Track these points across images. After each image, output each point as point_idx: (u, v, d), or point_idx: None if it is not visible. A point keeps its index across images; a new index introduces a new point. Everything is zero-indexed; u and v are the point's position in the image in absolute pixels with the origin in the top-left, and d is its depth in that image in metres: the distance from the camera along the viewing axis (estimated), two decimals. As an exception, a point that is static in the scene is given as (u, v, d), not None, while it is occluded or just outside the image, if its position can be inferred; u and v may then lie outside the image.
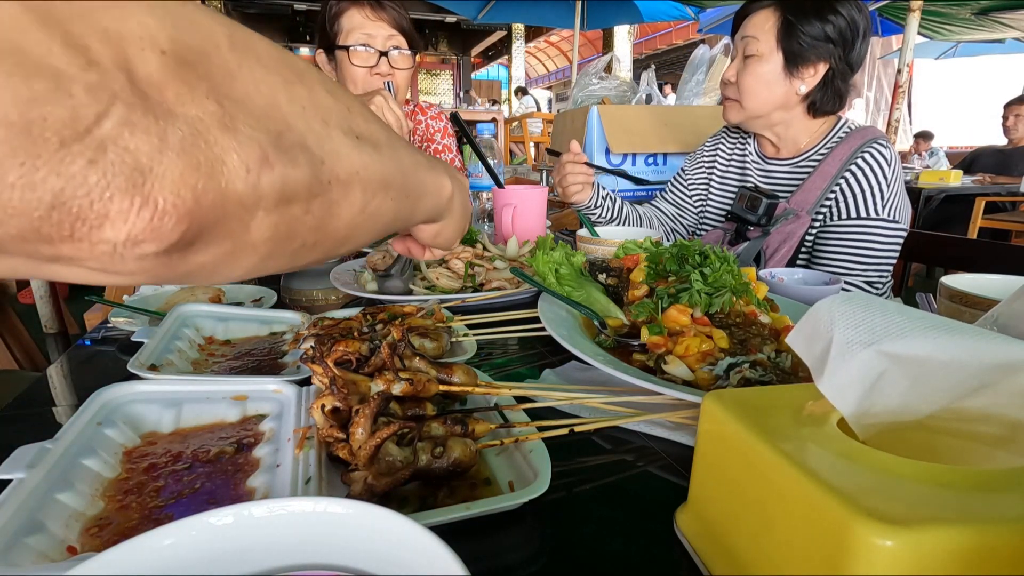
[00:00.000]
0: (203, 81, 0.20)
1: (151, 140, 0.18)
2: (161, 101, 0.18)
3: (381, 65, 1.24)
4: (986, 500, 0.24)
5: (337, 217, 0.27)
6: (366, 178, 0.28)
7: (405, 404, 0.45)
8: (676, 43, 12.74)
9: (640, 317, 0.64)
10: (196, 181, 0.19)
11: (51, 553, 0.32)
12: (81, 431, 0.42)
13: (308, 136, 0.24)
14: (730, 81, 1.15)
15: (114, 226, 0.17)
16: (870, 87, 9.48)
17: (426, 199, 0.39)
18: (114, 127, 0.17)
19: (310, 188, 0.24)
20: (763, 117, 1.14)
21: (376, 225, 0.31)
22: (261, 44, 0.23)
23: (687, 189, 1.37)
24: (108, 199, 0.17)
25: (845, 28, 1.03)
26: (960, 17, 5.32)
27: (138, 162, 0.17)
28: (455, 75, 13.67)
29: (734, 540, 0.32)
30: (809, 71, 1.07)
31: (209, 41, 0.20)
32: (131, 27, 0.18)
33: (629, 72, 8.00)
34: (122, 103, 0.17)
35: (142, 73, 0.18)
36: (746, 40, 1.09)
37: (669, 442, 0.48)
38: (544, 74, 17.79)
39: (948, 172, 3.55)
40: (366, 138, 0.29)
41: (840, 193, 1.06)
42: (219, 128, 0.20)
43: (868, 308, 0.32)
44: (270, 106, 0.22)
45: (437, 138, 1.49)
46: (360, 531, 0.25)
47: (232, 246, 0.22)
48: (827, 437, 0.30)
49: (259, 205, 0.22)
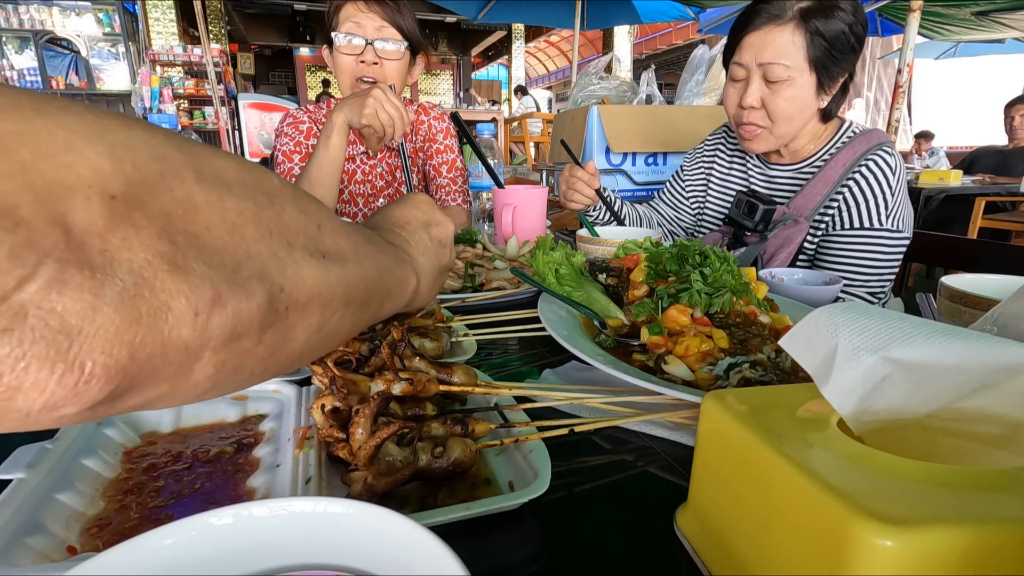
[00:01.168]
0: (156, 220, 0.18)
1: (84, 298, 0.16)
2: (103, 249, 0.17)
3: (367, 53, 1.24)
4: (986, 500, 0.24)
5: (292, 342, 0.26)
6: (328, 297, 0.27)
7: (405, 404, 0.45)
8: (676, 43, 12.73)
9: (640, 317, 0.64)
10: (134, 335, 0.18)
11: (51, 553, 0.32)
12: (81, 431, 0.42)
13: (270, 263, 0.23)
14: (754, 107, 1.04)
15: (27, 397, 0.16)
16: (870, 87, 9.47)
17: (389, 303, 0.38)
18: (39, 290, 0.15)
19: (264, 319, 0.23)
20: (789, 138, 1.08)
21: (333, 342, 0.30)
22: (233, 169, 0.23)
23: (684, 191, 1.35)
24: (23, 370, 0.16)
25: (855, 23, 0.98)
26: (960, 17, 5.32)
27: (65, 324, 0.16)
28: (455, 75, 13.67)
29: (734, 540, 0.32)
30: (833, 85, 1.02)
31: (173, 176, 0.19)
32: (81, 174, 0.17)
33: (629, 72, 8.00)
34: (53, 261, 0.16)
35: (83, 224, 0.17)
36: (769, 67, 0.98)
37: (669, 442, 0.48)
38: (544, 74, 17.78)
39: (948, 172, 3.54)
40: (333, 255, 0.28)
41: (843, 201, 1.03)
42: (168, 271, 0.18)
43: (871, 316, 0.32)
44: (233, 236, 0.21)
45: (439, 139, 1.49)
46: (360, 531, 0.25)
47: (169, 389, 0.21)
48: (827, 437, 0.30)
49: (206, 348, 0.20)
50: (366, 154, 1.43)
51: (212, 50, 6.21)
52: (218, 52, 7.45)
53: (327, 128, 1.16)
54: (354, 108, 1.14)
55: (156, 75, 7.23)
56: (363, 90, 1.17)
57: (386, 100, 1.13)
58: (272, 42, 12.01)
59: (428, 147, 1.50)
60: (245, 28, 11.06)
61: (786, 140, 1.08)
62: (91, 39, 7.62)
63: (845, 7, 0.97)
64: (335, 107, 1.17)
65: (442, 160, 1.49)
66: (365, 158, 1.44)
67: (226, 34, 8.82)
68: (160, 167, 0.19)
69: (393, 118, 1.14)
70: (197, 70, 7.59)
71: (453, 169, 1.50)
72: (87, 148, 0.17)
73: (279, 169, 1.40)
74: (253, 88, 10.57)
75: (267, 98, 7.07)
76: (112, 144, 0.18)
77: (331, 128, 1.16)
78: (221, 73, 7.25)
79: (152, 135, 0.20)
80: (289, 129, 1.40)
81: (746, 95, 1.03)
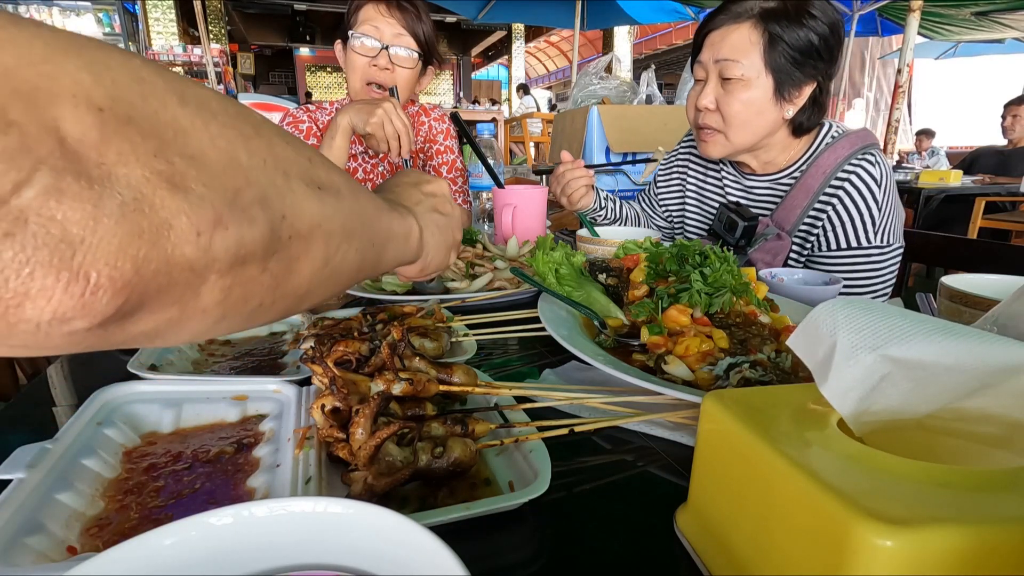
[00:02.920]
0: (150, 139, 0.18)
1: (83, 207, 0.16)
2: (100, 162, 0.17)
3: (380, 58, 1.25)
4: (986, 500, 0.24)
5: (297, 273, 0.25)
6: (328, 229, 0.27)
7: (405, 404, 0.45)
8: (676, 43, 12.74)
9: (640, 317, 0.64)
10: (137, 249, 0.17)
11: (51, 553, 0.32)
12: (81, 431, 0.42)
13: (269, 190, 0.23)
14: (708, 109, 0.99)
15: (35, 305, 0.16)
16: (870, 87, 9.48)
17: (392, 244, 0.38)
18: (37, 196, 0.15)
19: (268, 246, 0.23)
20: (749, 147, 1.02)
21: (339, 278, 0.30)
22: (215, 100, 0.22)
23: (657, 201, 1.31)
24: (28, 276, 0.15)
25: (829, 37, 0.92)
26: (960, 17, 5.33)
27: (66, 233, 0.16)
28: (455, 75, 13.67)
29: (734, 540, 0.32)
30: (796, 93, 0.95)
31: (156, 98, 0.19)
32: (64, 84, 0.16)
33: (629, 72, 8.00)
34: (49, 168, 0.15)
35: (75, 133, 0.16)
36: (724, 63, 0.95)
37: (669, 442, 0.48)
38: (544, 74, 17.78)
39: (948, 172, 3.55)
40: (328, 187, 0.28)
41: (828, 220, 0.97)
42: (167, 189, 0.18)
43: (870, 312, 0.32)
44: (228, 161, 0.21)
45: (440, 139, 1.50)
46: (360, 531, 0.25)
47: (179, 312, 0.21)
48: (827, 437, 0.30)
49: (211, 269, 0.20)
50: (367, 153, 1.43)
51: (212, 50, 6.21)
52: (218, 52, 7.46)
53: (331, 129, 1.17)
54: (361, 114, 1.14)
55: (156, 75, 7.22)
56: (374, 99, 1.19)
57: (395, 115, 1.14)
58: (272, 42, 12.02)
59: (428, 148, 1.50)
60: (245, 28, 11.06)
61: (742, 147, 1.02)
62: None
63: (817, 15, 0.91)
64: (342, 110, 1.17)
65: (442, 161, 1.50)
66: (366, 157, 1.44)
67: (226, 34, 8.83)
68: (142, 89, 0.19)
69: (399, 133, 1.15)
70: (197, 70, 7.59)
71: (453, 169, 1.50)
72: (66, 60, 0.17)
73: None
74: (253, 88, 10.57)
75: (267, 98, 7.07)
76: (90, 60, 0.17)
77: (335, 130, 1.16)
78: (221, 73, 7.25)
79: (128, 58, 0.19)
80: (289, 129, 1.40)
81: (701, 95, 0.99)
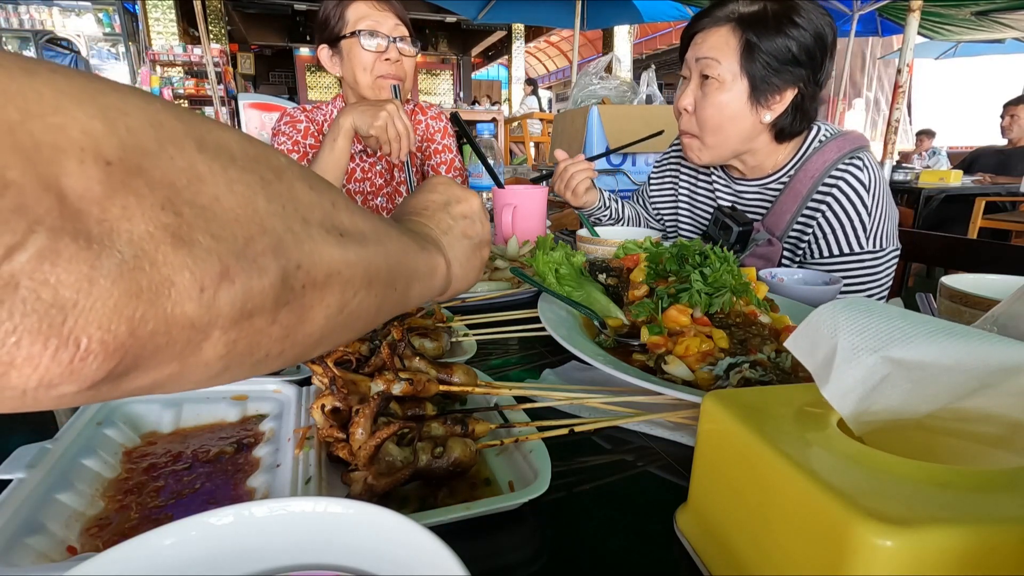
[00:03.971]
0: (160, 189, 0.18)
1: (79, 269, 0.16)
2: (102, 219, 0.16)
3: (390, 51, 1.26)
4: (986, 500, 0.24)
5: (310, 322, 0.24)
6: (348, 277, 0.26)
7: (405, 404, 0.45)
8: (676, 43, 12.73)
9: (640, 317, 0.64)
10: (133, 310, 0.17)
11: (51, 553, 0.32)
12: (81, 431, 0.42)
13: (285, 237, 0.22)
14: (686, 110, 0.99)
15: (21, 373, 0.15)
16: (870, 87, 9.48)
17: (416, 284, 0.36)
18: (30, 260, 0.15)
19: (278, 297, 0.22)
20: (729, 153, 1.01)
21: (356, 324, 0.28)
22: (237, 142, 0.22)
23: (649, 205, 1.32)
24: (14, 345, 0.15)
25: (812, 46, 0.90)
26: (960, 17, 5.32)
27: (58, 297, 0.15)
28: (455, 75, 13.66)
29: (734, 540, 0.32)
30: (775, 99, 0.94)
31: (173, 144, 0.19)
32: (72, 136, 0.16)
33: (629, 72, 8.00)
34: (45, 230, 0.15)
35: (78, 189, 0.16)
36: (703, 62, 0.94)
37: (669, 442, 0.48)
38: (544, 74, 17.78)
39: (948, 172, 3.55)
40: (351, 233, 0.27)
41: (818, 227, 0.97)
42: (172, 243, 0.18)
43: (871, 313, 0.32)
44: (244, 208, 0.20)
45: (437, 138, 1.50)
46: (360, 531, 0.25)
47: (178, 368, 0.20)
48: (827, 437, 0.30)
49: (214, 325, 0.20)
50: (365, 152, 1.43)
51: (212, 50, 6.20)
52: (218, 52, 7.46)
53: (334, 131, 1.16)
54: (365, 116, 1.14)
55: (156, 75, 7.23)
56: (377, 101, 1.19)
57: (398, 117, 1.14)
58: (272, 42, 12.02)
59: (426, 147, 1.50)
60: (245, 28, 11.06)
61: (721, 154, 1.01)
62: (91, 39, 7.63)
63: (801, 23, 0.90)
64: (344, 111, 1.17)
65: (440, 160, 1.49)
66: (364, 156, 1.44)
67: (226, 34, 8.83)
68: (158, 134, 0.18)
69: (401, 135, 1.15)
70: (197, 70, 7.60)
71: (452, 169, 1.50)
72: (77, 109, 0.16)
73: None
74: (253, 88, 10.57)
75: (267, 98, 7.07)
76: (104, 107, 0.17)
77: (338, 131, 1.16)
78: (221, 73, 7.25)
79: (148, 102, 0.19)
80: (287, 128, 1.40)
81: (682, 96, 0.99)
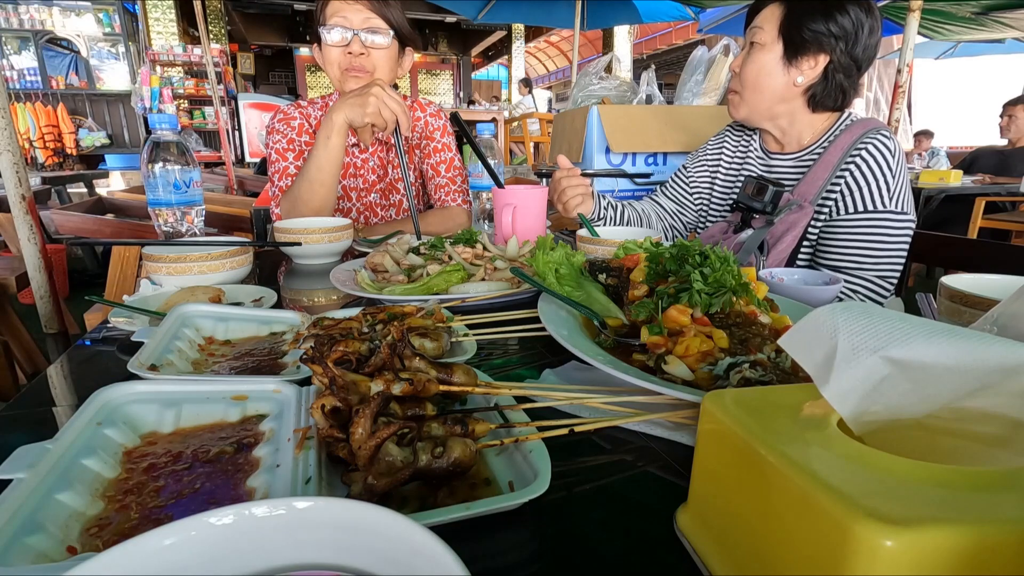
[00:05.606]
0: None
1: None
2: None
3: (353, 44, 1.24)
4: (986, 500, 0.24)
5: None
6: None
7: (405, 404, 0.45)
8: (676, 43, 12.73)
9: (640, 317, 0.64)
10: None
11: (51, 553, 0.32)
12: (81, 431, 0.42)
13: None
14: (735, 71, 1.17)
15: None
16: (870, 87, 9.47)
17: None
18: None
19: None
20: (764, 110, 1.15)
21: None
22: None
23: (688, 187, 1.37)
24: None
25: (849, 25, 1.04)
26: (960, 17, 5.32)
27: None
28: (455, 75, 13.66)
29: (734, 540, 0.32)
30: (808, 62, 1.07)
31: None
32: None
33: (629, 72, 8.00)
34: None
35: None
36: (753, 30, 1.12)
37: (669, 442, 0.48)
38: (544, 74, 17.77)
39: (948, 172, 3.55)
40: None
41: (844, 186, 1.06)
42: None
43: (870, 315, 0.32)
44: None
45: (436, 136, 1.49)
46: (360, 531, 0.25)
47: None
48: (827, 437, 0.30)
49: None
50: (358, 147, 1.43)
51: (212, 50, 6.20)
52: (218, 52, 7.46)
53: (326, 127, 1.16)
54: (355, 108, 1.13)
55: (156, 75, 7.23)
56: (361, 89, 1.16)
57: (387, 97, 1.13)
58: (272, 42, 12.01)
59: (425, 145, 1.49)
60: (245, 28, 11.05)
61: (757, 108, 1.15)
62: (91, 39, 7.62)
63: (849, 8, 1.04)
64: (334, 106, 1.16)
65: (440, 159, 1.48)
66: (357, 151, 1.43)
67: (226, 34, 8.82)
68: None
69: (396, 113, 1.14)
70: (197, 70, 7.60)
71: (452, 168, 1.49)
72: None
73: (274, 168, 1.39)
74: (253, 88, 10.57)
75: (267, 98, 7.07)
76: None
77: (331, 128, 1.15)
78: (221, 73, 7.26)
79: None
80: (280, 126, 1.39)
81: (736, 59, 1.17)
